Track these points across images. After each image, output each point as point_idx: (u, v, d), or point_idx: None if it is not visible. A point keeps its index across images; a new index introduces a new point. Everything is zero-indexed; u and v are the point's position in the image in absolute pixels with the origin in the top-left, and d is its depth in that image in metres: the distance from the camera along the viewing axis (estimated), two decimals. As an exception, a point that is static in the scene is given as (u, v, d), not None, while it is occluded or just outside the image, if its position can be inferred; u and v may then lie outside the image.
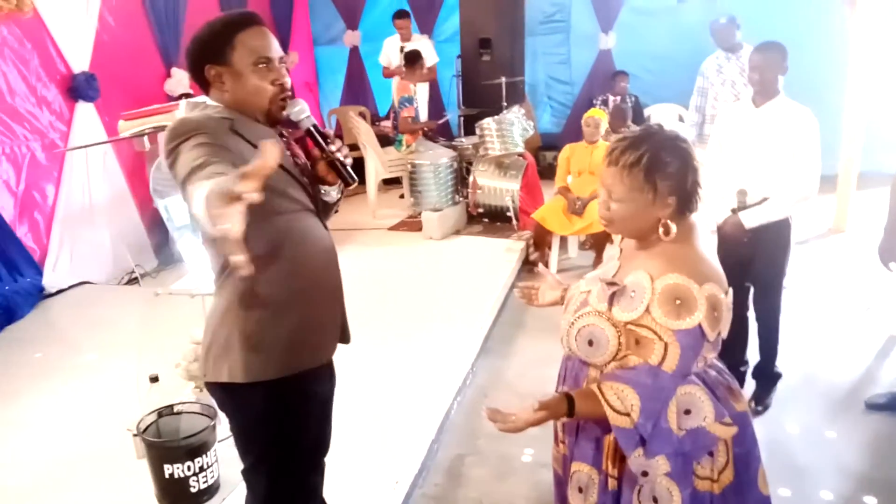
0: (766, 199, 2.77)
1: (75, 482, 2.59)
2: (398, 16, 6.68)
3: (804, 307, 3.98)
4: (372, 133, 6.21)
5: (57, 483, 2.60)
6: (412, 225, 5.71)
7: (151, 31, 5.42)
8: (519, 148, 5.43)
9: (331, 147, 1.65)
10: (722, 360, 1.59)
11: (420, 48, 6.38)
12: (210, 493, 2.37)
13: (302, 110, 1.65)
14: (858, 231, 5.25)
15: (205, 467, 2.31)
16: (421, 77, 6.22)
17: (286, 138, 1.72)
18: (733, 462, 1.50)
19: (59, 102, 4.59)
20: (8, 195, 4.29)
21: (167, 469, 2.26)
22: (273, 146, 1.02)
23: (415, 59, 6.05)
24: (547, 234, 4.86)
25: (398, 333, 3.71)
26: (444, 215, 5.44)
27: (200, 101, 1.64)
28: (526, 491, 2.64)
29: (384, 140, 6.39)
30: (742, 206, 2.81)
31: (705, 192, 1.52)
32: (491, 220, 5.63)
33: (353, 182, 1.69)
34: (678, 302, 1.37)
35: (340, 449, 2.04)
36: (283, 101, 1.62)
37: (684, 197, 1.45)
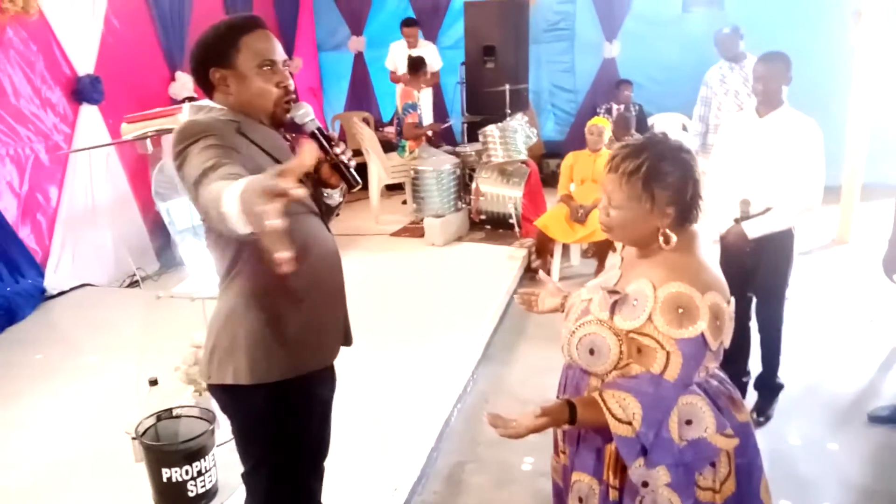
0: (769, 210, 2.76)
1: (74, 484, 2.58)
2: (406, 24, 6.71)
3: (807, 318, 3.96)
4: (375, 139, 6.22)
5: (55, 485, 2.59)
6: (414, 231, 5.71)
7: (156, 35, 5.45)
8: (522, 155, 5.43)
9: (335, 150, 1.65)
10: (724, 371, 1.58)
11: (425, 54, 6.40)
12: (208, 497, 2.36)
13: (306, 113, 1.66)
14: (862, 242, 5.24)
15: (203, 471, 2.30)
16: (425, 83, 6.24)
17: (290, 142, 1.73)
18: (735, 473, 1.49)
19: (63, 105, 4.61)
20: (11, 196, 4.30)
21: (165, 473, 2.26)
22: (312, 145, 1.04)
23: (418, 66, 6.06)
24: (549, 241, 4.85)
25: (399, 339, 3.70)
26: (447, 222, 5.44)
27: (205, 104, 1.64)
28: (525, 500, 2.62)
29: (387, 146, 6.41)
30: (745, 215, 2.81)
31: (707, 203, 1.51)
32: (493, 227, 5.62)
33: (356, 184, 1.69)
34: (680, 311, 1.37)
35: (339, 454, 2.03)
36: (288, 103, 1.63)
37: (683, 208, 1.45)
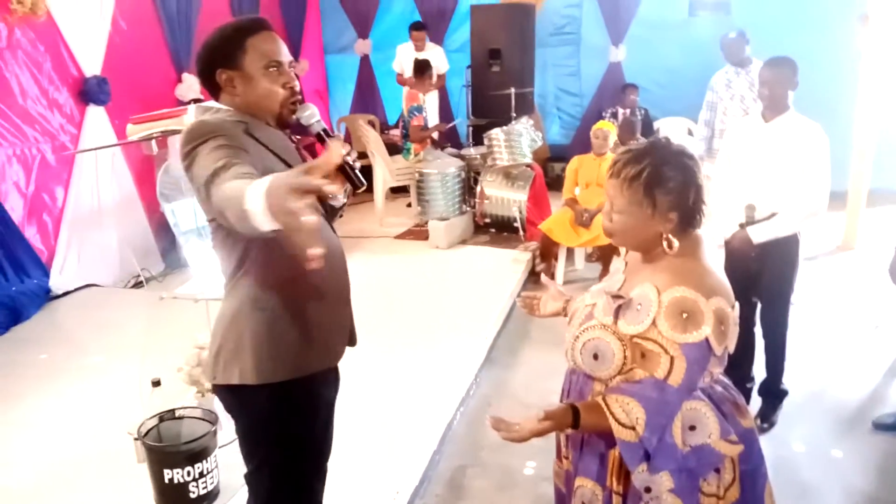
0: (774, 215, 2.75)
1: (76, 484, 2.58)
2: (415, 27, 6.74)
3: (812, 324, 3.94)
4: (380, 141, 6.23)
5: (58, 485, 2.60)
6: (419, 234, 5.71)
7: (163, 36, 5.47)
8: (527, 159, 5.43)
9: (341, 151, 1.66)
10: (728, 376, 1.58)
11: (432, 57, 6.42)
12: (209, 498, 2.35)
13: (312, 114, 1.67)
14: (868, 248, 5.22)
15: (205, 473, 2.30)
16: (430, 86, 6.25)
17: (295, 144, 1.74)
18: (739, 479, 1.48)
19: (70, 105, 4.63)
20: (18, 196, 4.32)
21: (167, 474, 2.26)
22: (339, 143, 1.05)
23: (424, 69, 6.08)
24: (553, 245, 4.85)
25: (403, 342, 3.70)
26: (451, 224, 5.44)
27: (211, 105, 1.65)
28: (527, 504, 2.62)
29: (392, 148, 6.42)
30: (750, 220, 2.80)
31: (710, 208, 1.51)
32: (498, 230, 5.62)
33: (361, 185, 1.70)
34: (685, 315, 1.36)
35: (342, 456, 2.03)
36: (294, 104, 1.64)
37: (686, 213, 1.44)
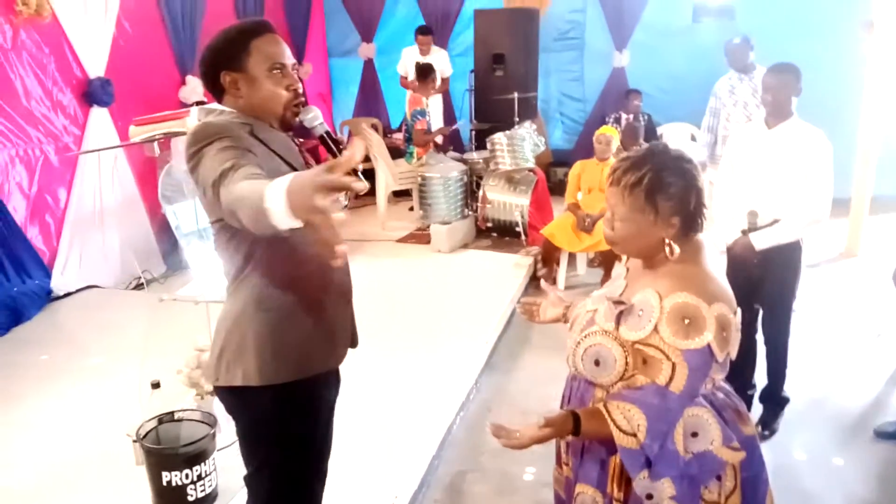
0: (777, 221, 2.75)
1: (75, 485, 2.58)
2: (421, 31, 6.76)
3: (814, 331, 3.93)
4: (383, 145, 6.24)
5: (57, 485, 2.59)
6: (421, 237, 5.71)
7: (168, 39, 5.48)
8: (529, 163, 5.43)
9: (344, 152, 1.67)
10: (729, 383, 1.57)
11: (437, 60, 6.46)
12: (208, 501, 2.35)
13: (315, 117, 1.68)
14: (871, 256, 5.20)
15: (203, 475, 2.30)
16: (435, 90, 6.26)
17: (298, 146, 1.74)
18: (741, 487, 1.47)
19: (73, 107, 4.64)
20: (20, 197, 4.32)
21: (165, 476, 2.25)
22: (361, 141, 1.06)
23: (427, 73, 6.09)
24: (555, 250, 4.84)
25: (403, 346, 3.70)
26: (453, 229, 5.44)
27: (214, 107, 1.66)
28: (527, 510, 2.61)
29: (395, 152, 6.43)
30: (753, 227, 2.79)
31: (711, 213, 1.51)
32: (500, 234, 5.62)
33: (364, 188, 1.70)
34: (687, 321, 1.36)
35: (340, 460, 2.02)
36: (297, 106, 1.65)
37: (688, 218, 1.44)
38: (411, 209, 6.45)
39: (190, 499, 2.29)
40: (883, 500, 2.62)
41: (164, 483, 2.26)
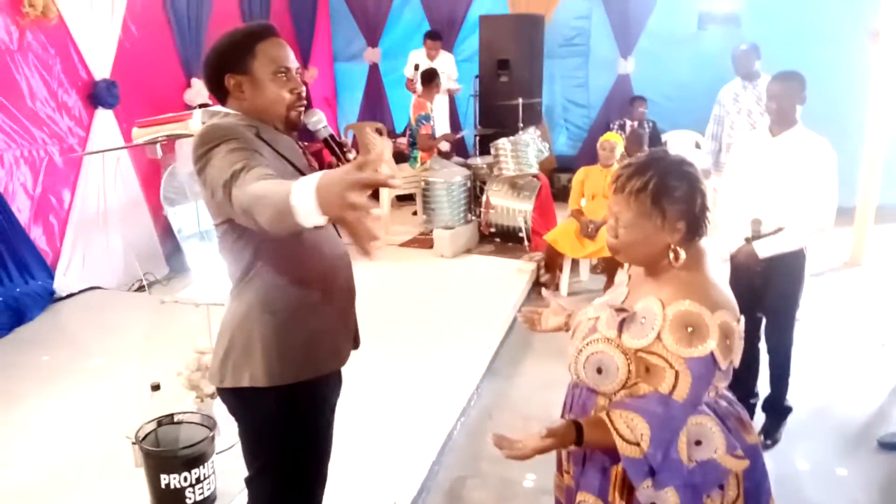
0: (780, 230, 2.73)
1: (74, 486, 2.57)
2: (430, 36, 6.78)
3: (817, 340, 3.91)
4: (388, 149, 6.23)
5: (56, 486, 2.59)
6: (424, 242, 5.71)
7: (174, 42, 5.51)
8: (533, 169, 5.43)
9: (347, 156, 1.68)
10: (731, 392, 1.56)
11: (444, 64, 6.52)
12: (206, 504, 2.34)
13: (319, 120, 1.70)
14: (875, 265, 5.18)
15: (202, 478, 2.29)
16: (439, 93, 6.27)
17: (302, 149, 1.75)
18: (744, 496, 1.46)
19: (79, 108, 4.65)
20: (25, 197, 4.34)
21: (164, 479, 2.24)
22: (387, 142, 1.07)
23: (431, 78, 6.09)
24: (558, 256, 4.84)
25: (405, 350, 3.69)
26: (456, 233, 5.44)
27: (218, 109, 1.66)
28: (527, 517, 2.59)
29: (399, 157, 6.43)
30: (756, 235, 2.78)
31: (715, 220, 1.50)
32: (503, 240, 5.61)
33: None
34: (690, 329, 1.35)
35: (340, 464, 2.02)
36: (300, 108, 1.66)
37: (693, 221, 1.44)
38: (415, 213, 6.45)
39: (188, 501, 2.28)
40: (886, 511, 2.60)
41: (163, 486, 2.25)
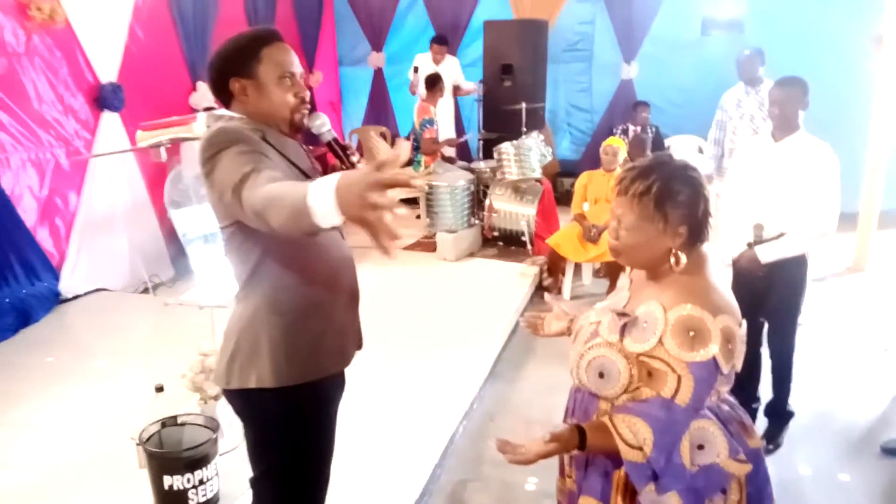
0: (782, 235, 2.74)
1: (77, 487, 2.58)
2: (437, 41, 6.79)
3: (820, 345, 3.91)
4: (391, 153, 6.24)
5: (60, 487, 2.60)
6: (427, 245, 5.71)
7: (180, 45, 5.53)
8: (536, 173, 5.43)
9: (351, 158, 1.69)
10: (734, 396, 1.56)
11: (450, 67, 6.56)
12: (209, 506, 2.35)
13: (323, 123, 1.71)
14: (878, 271, 5.17)
15: (204, 480, 2.30)
16: (442, 97, 6.28)
17: (306, 152, 1.76)
18: (746, 501, 1.47)
19: (85, 111, 4.67)
20: (31, 200, 4.35)
21: (167, 480, 2.25)
22: (406, 144, 1.09)
23: (435, 82, 6.11)
24: (561, 260, 4.84)
25: (407, 353, 3.69)
26: (459, 237, 5.44)
27: (222, 113, 1.68)
28: (529, 521, 2.60)
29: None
30: (759, 240, 2.78)
31: (717, 225, 1.51)
32: (506, 243, 5.62)
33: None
34: (692, 334, 1.36)
35: (343, 467, 2.02)
36: (304, 112, 1.67)
37: (695, 226, 1.44)
38: (418, 217, 6.45)
39: (191, 503, 2.29)
40: (889, 517, 2.60)
41: (166, 487, 2.26)
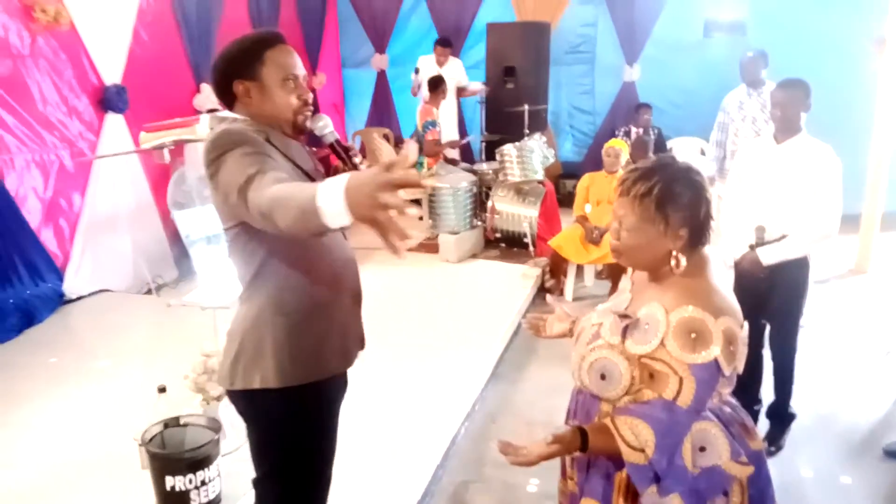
0: (784, 237, 2.74)
1: (79, 488, 2.59)
2: (441, 43, 6.80)
3: (822, 348, 3.90)
4: (394, 155, 6.23)
5: (61, 487, 2.61)
6: (429, 247, 5.71)
7: (183, 47, 5.55)
8: (538, 175, 5.44)
9: (354, 160, 1.70)
10: (735, 398, 1.56)
11: (454, 69, 6.58)
12: (211, 506, 2.35)
13: (325, 125, 1.72)
14: (881, 273, 5.17)
15: (206, 481, 2.30)
16: (445, 99, 6.29)
17: (310, 154, 1.77)
18: (748, 503, 1.46)
19: (89, 113, 4.69)
20: (35, 201, 4.37)
21: (169, 481, 2.26)
22: (414, 145, 1.09)
23: (438, 84, 6.11)
24: (563, 261, 4.84)
25: (409, 354, 3.70)
26: (462, 238, 5.45)
27: (225, 114, 1.69)
28: (530, 522, 2.60)
29: (405, 163, 6.44)
30: (760, 242, 2.78)
31: (719, 227, 1.51)
32: (508, 245, 5.63)
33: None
34: (693, 335, 1.36)
35: (344, 468, 2.02)
36: (307, 113, 1.68)
37: (696, 229, 1.44)
38: (420, 218, 6.46)
39: (193, 504, 2.30)
40: (891, 520, 2.60)
41: (168, 488, 2.27)
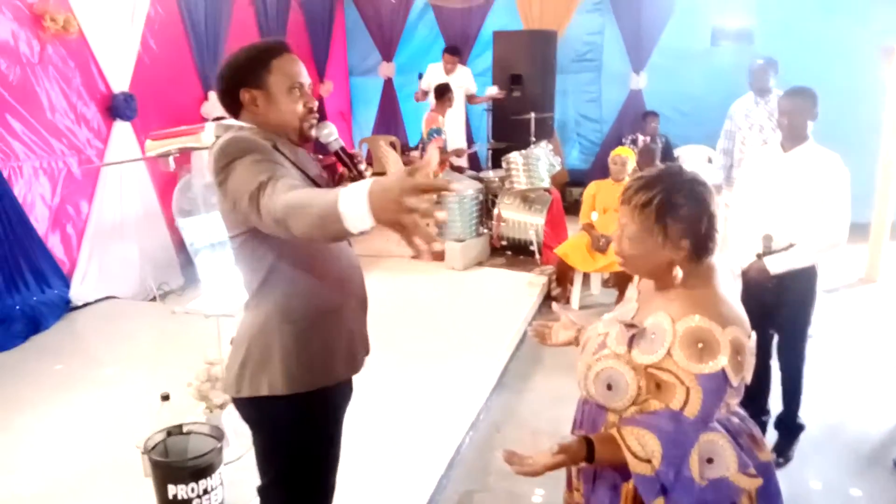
0: (792, 246, 2.72)
1: (82, 495, 2.59)
2: (449, 51, 6.82)
3: (831, 357, 3.86)
4: (400, 162, 6.20)
5: (63, 494, 2.61)
6: (435, 254, 5.70)
7: (192, 56, 5.58)
8: (545, 183, 5.43)
9: (359, 167, 1.71)
10: (743, 409, 1.55)
11: (462, 77, 6.63)
12: (214, 515, 2.34)
13: (331, 133, 1.73)
14: (891, 282, 5.12)
15: (209, 490, 2.29)
16: (451, 107, 6.30)
17: (317, 161, 1.78)
18: (758, 515, 1.44)
19: (97, 120, 4.72)
20: (43, 208, 4.40)
21: (171, 489, 2.25)
22: (436, 150, 1.10)
23: (444, 92, 6.13)
24: (569, 269, 4.82)
25: (415, 362, 3.69)
26: (468, 246, 5.45)
27: (231, 122, 1.70)
28: (535, 533, 2.58)
29: (412, 170, 6.45)
30: (768, 251, 2.76)
31: (726, 236, 1.49)
32: (514, 253, 5.61)
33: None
34: (700, 345, 1.34)
35: (348, 476, 2.02)
36: (313, 121, 1.69)
37: (698, 241, 1.42)
38: (427, 225, 6.45)
39: (196, 512, 2.29)
40: (901, 533, 2.56)
41: (171, 496, 2.26)
